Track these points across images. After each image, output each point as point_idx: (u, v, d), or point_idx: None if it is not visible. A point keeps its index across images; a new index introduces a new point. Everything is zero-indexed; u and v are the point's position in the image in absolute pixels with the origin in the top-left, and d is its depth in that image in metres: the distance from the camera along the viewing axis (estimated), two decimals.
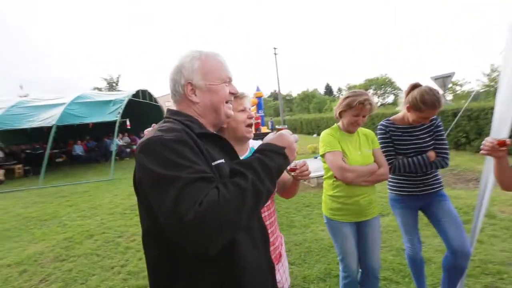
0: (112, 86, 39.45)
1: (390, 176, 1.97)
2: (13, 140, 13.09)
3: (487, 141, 1.34)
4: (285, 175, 1.36)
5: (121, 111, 10.31)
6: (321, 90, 62.27)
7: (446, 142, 1.90)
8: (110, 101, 10.98)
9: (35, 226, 4.76)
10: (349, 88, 45.21)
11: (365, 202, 1.76)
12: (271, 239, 1.18)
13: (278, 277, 1.17)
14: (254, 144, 1.37)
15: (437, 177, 1.94)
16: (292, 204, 4.79)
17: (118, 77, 40.73)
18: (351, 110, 1.72)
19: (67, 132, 12.05)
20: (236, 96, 1.20)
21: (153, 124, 1.07)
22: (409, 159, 1.84)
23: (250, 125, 1.22)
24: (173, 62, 0.90)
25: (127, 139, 14.76)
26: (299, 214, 4.30)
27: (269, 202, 1.25)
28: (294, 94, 55.55)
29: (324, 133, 1.88)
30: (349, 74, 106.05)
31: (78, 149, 13.01)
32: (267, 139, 0.82)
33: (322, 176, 2.01)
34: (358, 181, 1.68)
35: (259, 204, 0.69)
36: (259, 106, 20.05)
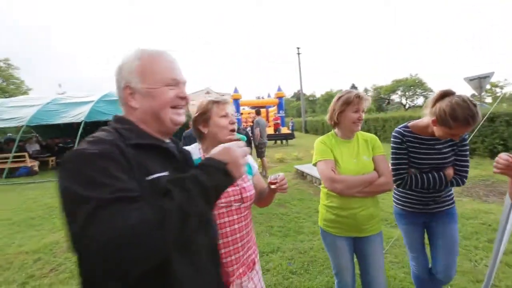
0: None
1: (396, 188, 1.79)
2: (50, 134, 14.19)
3: (501, 158, 1.15)
4: (262, 184, 1.36)
5: None
6: None
7: (468, 159, 1.66)
8: None
9: (57, 216, 5.04)
10: (376, 88, 43.33)
11: (364, 216, 1.59)
12: (244, 249, 1.18)
13: (251, 285, 1.16)
14: None
15: (450, 194, 1.73)
16: (303, 209, 4.64)
17: None
18: (350, 107, 1.58)
19: (95, 128, 12.72)
20: (218, 102, 1.22)
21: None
22: (424, 175, 1.62)
23: (233, 130, 1.22)
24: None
25: None
26: (309, 220, 4.14)
27: (246, 212, 1.21)
28: (318, 95, 54.45)
29: (317, 141, 1.76)
30: (375, 74, 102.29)
31: None
32: (212, 152, 0.75)
33: None
34: (350, 192, 1.53)
35: (186, 228, 0.61)
36: (280, 106, 19.96)
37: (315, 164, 1.68)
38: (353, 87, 57.74)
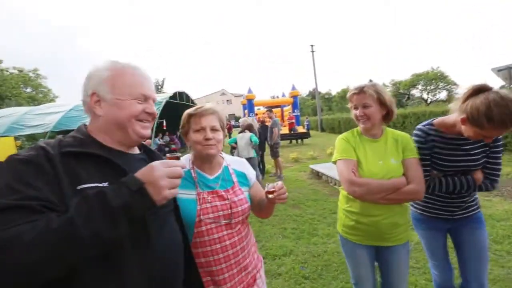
0: (157, 88, 42.51)
1: None
2: None
3: None
4: (261, 194, 1.25)
5: (159, 112, 10.94)
6: None
7: (500, 161, 1.45)
8: (157, 104, 11.79)
9: None
10: (394, 83, 41.77)
11: (387, 224, 1.41)
12: (239, 266, 1.10)
13: None
14: (229, 160, 1.28)
15: (475, 199, 1.56)
16: (317, 210, 4.50)
17: (163, 80, 43.80)
18: (351, 104, 1.50)
19: None
20: (194, 114, 1.13)
21: None
22: (449, 178, 1.44)
23: (206, 145, 1.11)
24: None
25: (166, 138, 15.64)
26: (324, 222, 4.00)
27: (239, 227, 1.13)
28: (334, 92, 53.31)
29: (339, 137, 1.58)
30: (393, 69, 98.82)
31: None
32: (141, 169, 0.69)
33: None
34: (372, 198, 1.35)
35: (76, 250, 0.57)
36: (294, 105, 19.72)
37: (334, 162, 1.52)
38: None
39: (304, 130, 17.22)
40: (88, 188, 0.67)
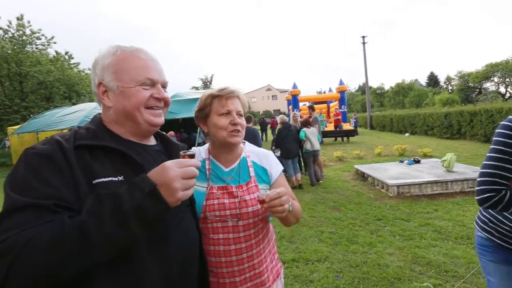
0: (206, 85, 44.56)
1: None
2: None
3: None
4: None
5: None
6: (423, 81, 52.89)
7: None
8: (196, 99, 12.31)
9: None
10: (462, 76, 36.38)
11: None
12: (243, 275, 0.99)
13: None
14: (250, 151, 1.14)
15: None
16: (359, 215, 4.16)
17: (212, 76, 45.76)
18: None
19: (162, 127, 14.27)
20: (219, 96, 1.01)
21: None
22: None
23: (234, 130, 1.00)
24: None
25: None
26: (366, 229, 3.68)
27: (250, 231, 1.00)
28: (387, 87, 49.05)
29: None
30: (461, 59, 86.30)
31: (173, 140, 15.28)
32: (153, 169, 0.65)
33: (404, 184, 1.30)
34: None
35: (89, 254, 0.56)
36: (341, 101, 18.70)
37: None
38: (432, 76, 50.14)
39: (351, 128, 16.20)
40: (103, 182, 0.66)
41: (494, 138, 1.16)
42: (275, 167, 1.12)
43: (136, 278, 0.67)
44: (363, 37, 23.85)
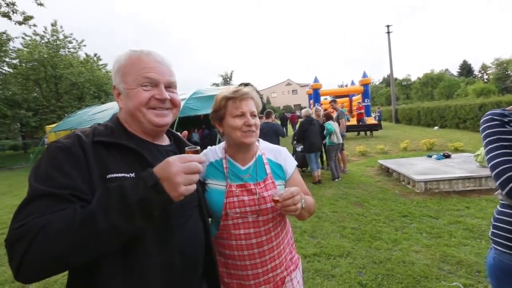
0: (226, 81, 44.99)
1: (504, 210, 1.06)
2: None
3: None
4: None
5: None
6: (454, 71, 49.44)
7: None
8: None
9: None
10: (500, 64, 33.48)
11: None
12: (265, 266, 1.03)
13: None
14: (264, 148, 1.17)
15: None
16: (383, 211, 4.05)
17: (231, 73, 46.10)
18: None
19: (184, 123, 14.67)
20: (233, 98, 1.04)
21: (259, 115, 1.06)
22: None
23: (248, 131, 1.04)
24: None
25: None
26: (391, 225, 3.57)
27: (269, 225, 1.04)
28: (414, 78, 46.46)
29: None
30: (498, 45, 79.19)
31: (195, 136, 15.62)
32: (158, 164, 0.68)
33: (433, 180, 1.17)
34: None
35: (96, 242, 0.60)
36: (365, 94, 18.04)
37: None
38: (465, 65, 46.70)
39: (375, 122, 15.62)
40: (116, 178, 0.70)
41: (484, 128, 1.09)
42: (289, 163, 1.15)
43: (142, 270, 0.71)
44: (388, 26, 22.73)
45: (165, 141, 0.92)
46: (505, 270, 1.03)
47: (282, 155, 1.16)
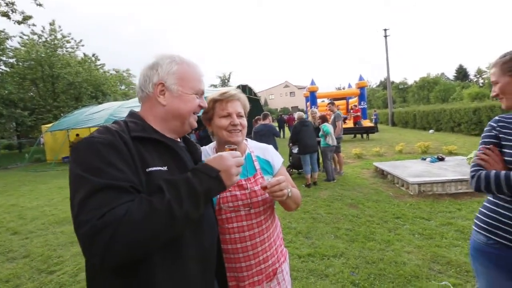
0: (224, 82, 45.01)
1: (486, 204, 1.21)
2: None
3: None
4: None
5: None
6: (450, 75, 49.99)
7: None
8: None
9: None
10: None
11: None
12: (258, 258, 1.10)
13: None
14: (253, 147, 1.24)
15: None
16: (377, 213, 4.11)
17: (229, 74, 46.13)
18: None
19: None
20: (220, 100, 1.12)
21: (256, 117, 1.12)
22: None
23: (233, 130, 1.10)
24: (149, 59, 0.88)
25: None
26: (384, 227, 3.63)
27: (261, 217, 1.11)
28: (410, 82, 46.88)
29: None
30: (494, 50, 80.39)
31: (192, 137, 15.60)
32: (208, 158, 0.79)
33: (426, 182, 1.34)
34: None
35: (172, 228, 0.66)
36: (361, 97, 18.20)
37: None
38: (461, 69, 47.25)
39: (371, 124, 15.76)
40: (155, 171, 0.74)
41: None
42: (276, 159, 1.25)
43: (182, 261, 0.76)
44: (385, 30, 23.00)
45: (179, 138, 0.98)
46: (477, 249, 1.20)
47: (269, 152, 1.25)
